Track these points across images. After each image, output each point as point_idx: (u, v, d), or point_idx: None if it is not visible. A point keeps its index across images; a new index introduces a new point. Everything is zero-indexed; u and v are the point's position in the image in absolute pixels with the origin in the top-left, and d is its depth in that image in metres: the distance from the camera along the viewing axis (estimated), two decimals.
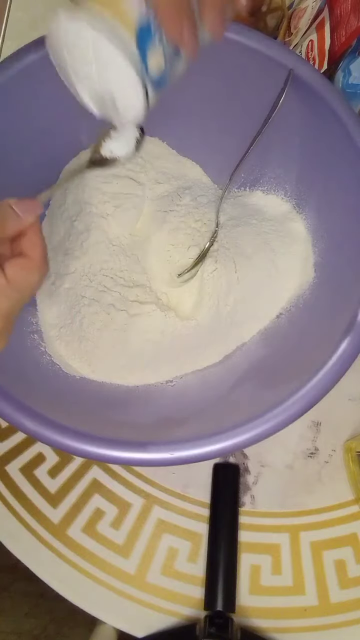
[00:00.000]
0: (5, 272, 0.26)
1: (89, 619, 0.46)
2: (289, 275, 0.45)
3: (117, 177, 0.45)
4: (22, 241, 0.28)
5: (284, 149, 0.44)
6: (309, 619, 0.44)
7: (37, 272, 0.28)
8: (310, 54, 0.48)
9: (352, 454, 0.46)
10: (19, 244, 0.28)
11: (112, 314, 0.42)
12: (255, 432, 0.33)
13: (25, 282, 0.27)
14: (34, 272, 0.28)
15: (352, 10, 0.43)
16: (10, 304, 0.26)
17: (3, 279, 0.26)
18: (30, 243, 0.28)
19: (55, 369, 0.41)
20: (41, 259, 0.28)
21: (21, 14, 0.56)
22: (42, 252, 0.28)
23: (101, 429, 0.34)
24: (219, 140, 0.45)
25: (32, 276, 0.27)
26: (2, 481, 0.47)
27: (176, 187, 0.46)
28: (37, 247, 0.28)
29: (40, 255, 0.28)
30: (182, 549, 0.46)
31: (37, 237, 0.28)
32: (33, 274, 0.28)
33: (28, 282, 0.27)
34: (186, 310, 0.44)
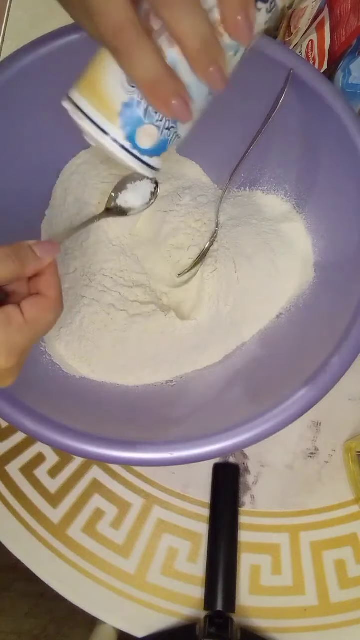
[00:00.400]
0: (23, 311, 0.27)
1: (89, 619, 0.46)
2: (289, 275, 0.45)
3: (117, 177, 0.45)
4: (40, 281, 0.29)
5: (284, 149, 0.44)
6: (309, 619, 0.44)
7: (53, 312, 0.29)
8: (310, 54, 0.48)
9: (352, 454, 0.46)
10: (36, 283, 0.29)
11: (112, 314, 0.42)
12: (255, 432, 0.33)
13: (42, 322, 0.28)
14: (50, 311, 0.29)
15: (352, 10, 0.43)
16: (25, 342, 0.27)
17: (21, 317, 0.27)
18: (47, 283, 0.29)
19: (55, 369, 0.41)
20: (57, 298, 0.29)
21: (21, 13, 0.56)
22: (58, 292, 0.29)
23: (101, 429, 0.34)
24: (219, 140, 0.45)
25: (48, 315, 0.28)
26: (2, 481, 0.47)
27: (176, 187, 0.46)
28: (54, 287, 0.29)
29: (57, 295, 0.29)
30: (182, 549, 0.46)
31: (54, 278, 0.30)
32: (49, 314, 0.28)
33: (44, 321, 0.28)
34: (186, 310, 0.44)
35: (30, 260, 0.28)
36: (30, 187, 0.44)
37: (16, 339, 0.27)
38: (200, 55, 0.23)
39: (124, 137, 0.26)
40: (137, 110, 0.26)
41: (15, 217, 0.42)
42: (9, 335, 0.26)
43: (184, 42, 0.23)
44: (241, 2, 0.23)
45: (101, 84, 0.26)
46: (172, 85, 0.24)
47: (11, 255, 0.27)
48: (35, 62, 0.38)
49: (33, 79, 0.39)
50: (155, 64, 0.23)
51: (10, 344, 0.26)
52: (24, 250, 0.28)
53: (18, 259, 0.27)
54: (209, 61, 0.23)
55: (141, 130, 0.26)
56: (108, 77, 0.25)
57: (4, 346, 0.26)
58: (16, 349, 0.27)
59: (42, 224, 0.45)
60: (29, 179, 0.43)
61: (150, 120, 0.26)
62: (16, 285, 0.29)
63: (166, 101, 0.24)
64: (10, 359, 0.26)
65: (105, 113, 0.26)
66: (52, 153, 0.44)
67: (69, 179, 0.45)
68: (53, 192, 0.46)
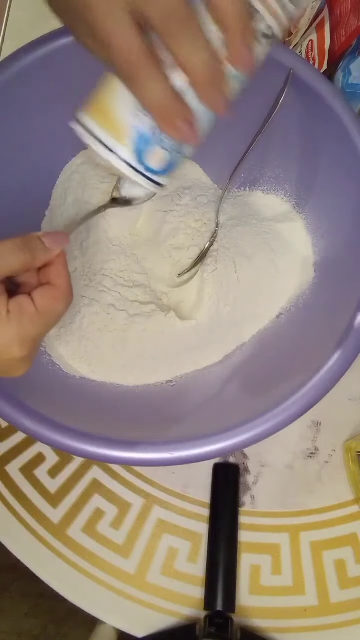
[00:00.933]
0: (34, 301, 0.28)
1: (89, 619, 0.46)
2: (289, 275, 0.45)
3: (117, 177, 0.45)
4: (49, 271, 0.30)
5: (284, 149, 0.44)
6: (309, 619, 0.44)
7: (64, 301, 0.29)
8: (310, 54, 0.48)
9: (352, 454, 0.46)
10: (46, 273, 0.30)
11: (112, 314, 0.42)
12: (255, 432, 0.33)
13: (53, 311, 0.28)
14: (61, 301, 0.29)
15: (352, 10, 0.43)
16: (38, 331, 0.28)
17: (33, 307, 0.27)
18: (57, 273, 0.30)
19: (55, 369, 0.41)
20: (67, 288, 0.30)
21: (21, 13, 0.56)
22: (67, 281, 0.30)
23: (101, 429, 0.34)
24: (219, 140, 0.45)
25: (59, 305, 0.29)
26: (2, 481, 0.47)
27: (176, 187, 0.46)
28: (63, 276, 0.30)
29: (67, 284, 0.30)
30: (182, 549, 0.46)
31: (63, 267, 0.30)
32: (60, 303, 0.29)
33: (56, 311, 0.29)
34: (186, 310, 0.44)
35: (40, 252, 0.29)
36: (30, 187, 0.44)
37: (29, 329, 0.27)
38: (206, 84, 0.25)
39: (135, 160, 0.27)
40: (146, 134, 0.27)
41: (16, 217, 0.42)
42: (22, 325, 0.27)
43: (190, 72, 0.25)
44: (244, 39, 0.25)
45: (111, 107, 0.27)
46: (180, 110, 0.26)
47: (21, 247, 0.28)
48: (35, 62, 0.38)
49: (33, 79, 0.39)
50: (164, 90, 0.25)
51: (24, 334, 0.27)
52: (34, 242, 0.28)
53: (28, 250, 0.28)
54: (214, 89, 0.26)
55: (151, 153, 0.27)
56: (118, 101, 0.27)
57: (18, 336, 0.27)
58: (29, 339, 0.27)
59: (42, 224, 0.45)
60: (29, 179, 0.43)
61: (159, 143, 0.27)
62: (26, 276, 0.29)
63: (175, 125, 0.26)
64: (24, 348, 0.27)
65: (116, 136, 0.27)
66: (52, 153, 0.44)
67: (69, 179, 0.45)
68: (53, 192, 0.46)
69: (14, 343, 0.27)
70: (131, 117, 0.27)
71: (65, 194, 0.45)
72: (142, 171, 0.28)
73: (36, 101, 0.40)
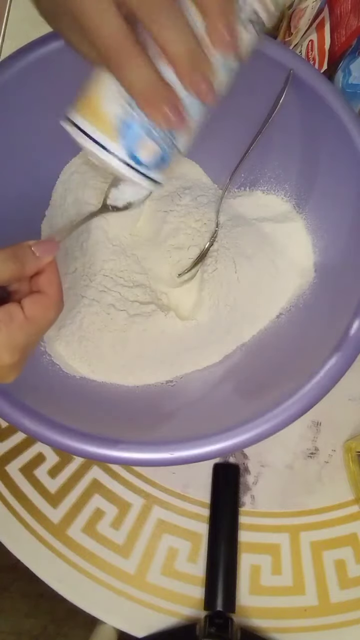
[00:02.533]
0: (24, 309, 0.28)
1: (89, 619, 0.46)
2: (289, 275, 0.45)
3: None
4: (40, 278, 0.29)
5: (284, 149, 0.44)
6: (309, 619, 0.44)
7: (54, 309, 0.29)
8: (310, 54, 0.48)
9: (352, 454, 0.46)
10: (37, 281, 0.30)
11: (112, 314, 0.42)
12: (255, 432, 0.33)
13: (43, 319, 0.28)
14: (51, 309, 0.29)
15: (352, 10, 0.43)
16: (27, 340, 0.27)
17: (22, 315, 0.27)
18: (47, 281, 0.29)
19: (55, 369, 0.41)
20: (58, 296, 0.30)
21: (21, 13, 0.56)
22: (59, 289, 0.30)
23: (101, 429, 0.34)
24: (219, 140, 0.45)
25: (49, 313, 0.29)
26: (2, 481, 0.47)
27: (176, 187, 0.46)
28: (54, 284, 0.30)
29: (57, 293, 0.30)
30: (182, 549, 0.46)
31: (55, 275, 0.30)
32: (50, 311, 0.29)
33: (46, 319, 0.28)
34: (186, 310, 0.44)
35: (30, 260, 0.28)
36: (30, 187, 0.44)
37: (18, 337, 0.27)
38: (186, 66, 0.25)
39: (125, 153, 0.27)
40: (135, 126, 0.26)
41: (16, 217, 0.42)
42: (11, 332, 0.27)
43: (172, 56, 0.24)
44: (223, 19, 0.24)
45: (98, 102, 0.26)
46: (165, 94, 0.25)
47: (11, 256, 0.27)
48: (35, 62, 0.38)
49: (33, 79, 0.39)
50: (149, 73, 0.25)
51: (13, 341, 0.27)
52: (23, 251, 0.28)
53: (18, 260, 0.28)
54: (195, 72, 0.25)
55: (141, 145, 0.27)
56: (104, 94, 0.26)
57: (7, 344, 0.27)
58: (18, 346, 0.27)
59: (42, 224, 0.45)
60: (29, 179, 0.43)
61: (148, 134, 0.27)
62: (18, 284, 0.29)
63: (161, 110, 0.25)
64: (13, 356, 0.27)
65: (105, 130, 0.26)
66: (52, 153, 0.44)
67: (69, 178, 0.45)
68: (53, 192, 0.46)
69: (3, 350, 0.27)
70: (119, 109, 0.26)
71: (65, 194, 0.45)
72: (134, 165, 0.27)
73: (36, 101, 0.40)
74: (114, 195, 0.35)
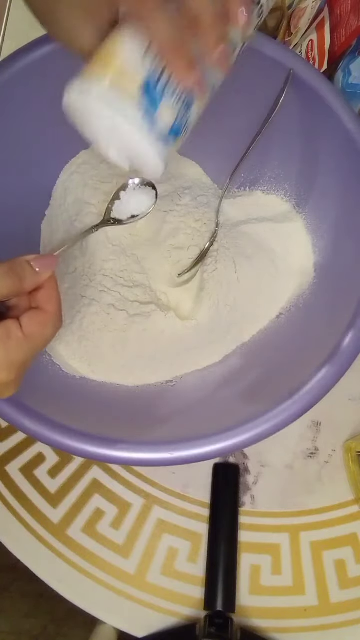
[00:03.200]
0: (22, 326, 0.27)
1: (89, 619, 0.46)
2: (289, 275, 0.45)
3: (117, 177, 0.45)
4: (39, 295, 0.29)
5: (284, 149, 0.44)
6: (309, 619, 0.44)
7: (52, 326, 0.29)
8: (310, 54, 0.48)
9: (352, 454, 0.46)
10: (36, 297, 0.29)
11: (112, 314, 0.42)
12: (255, 432, 0.33)
13: (40, 336, 0.28)
14: (49, 326, 0.29)
15: (352, 10, 0.43)
16: (25, 356, 0.27)
17: (20, 332, 0.27)
18: (47, 297, 0.29)
19: (55, 369, 0.41)
20: (57, 313, 0.29)
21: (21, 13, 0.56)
22: (57, 306, 0.29)
23: (101, 429, 0.34)
24: (219, 140, 0.45)
25: (47, 330, 0.28)
26: (2, 481, 0.47)
27: (176, 187, 0.46)
28: (53, 301, 0.29)
29: (56, 310, 0.29)
30: (182, 549, 0.46)
31: (54, 292, 0.30)
32: (48, 328, 0.28)
33: (43, 336, 0.28)
34: (186, 310, 0.44)
35: (28, 276, 0.28)
36: (31, 187, 0.44)
37: (16, 354, 0.27)
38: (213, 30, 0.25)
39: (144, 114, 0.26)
40: (156, 87, 0.26)
41: (16, 217, 0.42)
42: (8, 350, 0.27)
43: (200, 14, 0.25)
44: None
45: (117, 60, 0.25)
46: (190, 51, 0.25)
47: (8, 272, 0.27)
48: (35, 62, 0.38)
49: (33, 79, 0.39)
50: (178, 26, 0.25)
51: (10, 358, 0.27)
52: (22, 266, 0.28)
53: (16, 275, 0.27)
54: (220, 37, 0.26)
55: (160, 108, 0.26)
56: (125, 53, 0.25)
57: (4, 361, 0.26)
58: (16, 364, 0.27)
59: (42, 224, 0.45)
60: (29, 179, 0.43)
61: (167, 98, 0.26)
62: (17, 299, 0.29)
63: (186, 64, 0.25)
64: (11, 373, 0.27)
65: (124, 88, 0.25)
66: (52, 153, 0.44)
67: (69, 178, 0.45)
68: (53, 192, 0.46)
69: (0, 368, 0.26)
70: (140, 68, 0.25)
71: (65, 194, 0.45)
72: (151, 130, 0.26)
73: (36, 101, 0.40)
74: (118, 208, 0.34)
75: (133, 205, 0.34)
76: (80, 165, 0.46)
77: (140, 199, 0.34)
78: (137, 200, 0.34)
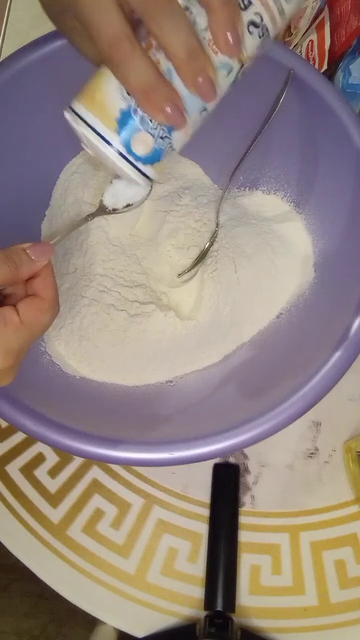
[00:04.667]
0: (19, 312, 0.27)
1: (89, 619, 0.46)
2: (289, 275, 0.45)
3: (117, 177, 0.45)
4: (36, 282, 0.29)
5: (284, 149, 0.44)
6: (309, 619, 0.44)
7: (50, 313, 0.29)
8: (310, 54, 0.48)
9: (352, 454, 0.46)
10: (32, 285, 0.29)
11: (112, 314, 0.42)
12: (255, 432, 0.33)
13: (38, 323, 0.28)
14: (46, 312, 0.29)
15: (352, 10, 0.43)
16: (22, 342, 0.27)
17: (17, 318, 0.27)
18: (43, 284, 0.29)
19: (55, 369, 0.41)
20: (54, 299, 0.29)
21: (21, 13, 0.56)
22: (54, 293, 0.30)
23: (101, 429, 0.34)
24: (219, 140, 0.45)
25: (44, 317, 0.28)
26: (2, 481, 0.47)
27: (176, 187, 0.46)
28: (50, 288, 0.29)
29: (53, 296, 0.29)
30: (182, 549, 0.46)
31: (50, 279, 0.30)
32: (45, 315, 0.29)
33: (41, 323, 0.28)
34: (186, 310, 0.44)
35: (24, 264, 0.28)
36: (31, 187, 0.44)
37: (13, 340, 0.27)
38: (187, 64, 0.25)
39: (120, 143, 0.27)
40: (133, 118, 0.27)
41: (16, 216, 0.42)
42: (5, 336, 0.27)
43: (170, 52, 0.24)
44: (229, 19, 0.24)
45: (101, 93, 0.27)
46: (165, 92, 0.25)
47: (5, 260, 0.27)
48: (35, 62, 0.38)
49: (33, 79, 0.39)
50: (148, 72, 0.25)
51: (7, 345, 0.27)
52: (18, 254, 0.28)
53: (12, 263, 0.28)
54: (196, 70, 0.25)
55: (136, 138, 0.27)
56: (106, 86, 0.27)
57: (1, 347, 0.26)
58: (13, 350, 0.27)
59: (42, 224, 0.45)
60: (29, 179, 0.43)
61: (145, 128, 0.27)
62: (13, 287, 0.29)
63: (160, 107, 0.25)
64: (8, 359, 0.27)
65: (104, 120, 0.27)
66: (52, 152, 0.44)
67: (69, 178, 0.45)
68: (53, 192, 0.46)
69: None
70: (120, 102, 0.26)
71: (65, 194, 0.45)
72: (129, 158, 0.28)
73: (36, 101, 0.40)
74: (113, 196, 0.35)
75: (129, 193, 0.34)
76: (80, 165, 0.46)
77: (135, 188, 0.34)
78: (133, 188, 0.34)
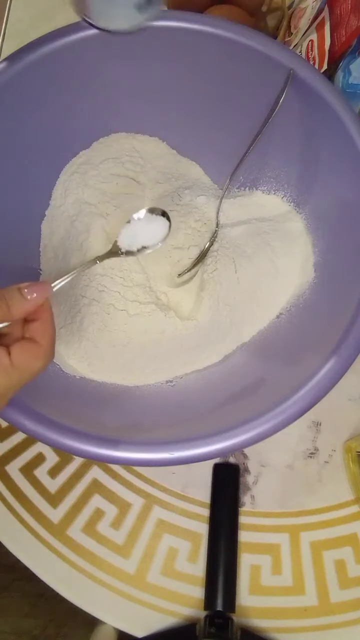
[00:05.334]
0: (11, 355, 0.27)
1: (89, 619, 0.46)
2: (289, 275, 0.45)
3: (117, 177, 0.45)
4: (33, 326, 0.29)
5: (284, 149, 0.44)
6: (309, 619, 0.44)
7: (43, 360, 0.28)
8: (310, 54, 0.48)
9: (352, 454, 0.46)
10: (30, 328, 0.29)
11: (112, 314, 0.42)
12: (255, 432, 0.33)
13: (29, 368, 0.28)
14: (39, 359, 0.28)
15: (352, 10, 0.43)
16: (10, 384, 0.27)
17: (7, 359, 0.27)
18: (41, 329, 0.29)
19: (55, 369, 0.41)
20: (49, 347, 0.29)
21: (21, 13, 0.56)
22: (51, 340, 0.29)
23: (101, 429, 0.34)
24: (219, 140, 0.45)
25: (37, 363, 0.28)
26: (2, 481, 0.47)
27: (176, 187, 0.46)
28: (47, 335, 0.29)
29: (49, 343, 0.29)
30: (182, 549, 0.46)
31: (49, 325, 0.29)
32: (38, 361, 0.28)
33: (32, 368, 0.28)
34: (186, 310, 0.44)
35: (16, 303, 0.28)
36: (31, 187, 0.44)
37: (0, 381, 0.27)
38: None
39: None
40: None
41: (16, 217, 0.42)
42: None
43: None
44: None
45: None
46: None
47: None
48: (35, 62, 0.38)
49: (33, 78, 0.39)
50: None
51: None
52: (10, 293, 0.28)
53: (3, 301, 0.27)
54: None
55: None
56: None
57: None
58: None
59: (42, 224, 0.45)
60: (30, 179, 0.43)
61: None
62: (10, 327, 0.29)
63: None
64: None
65: None
66: (52, 152, 0.44)
67: (69, 178, 0.45)
68: (53, 192, 0.46)
69: None
70: None
71: (65, 194, 0.45)
72: None
73: (37, 101, 0.40)
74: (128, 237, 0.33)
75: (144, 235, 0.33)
76: (80, 165, 0.46)
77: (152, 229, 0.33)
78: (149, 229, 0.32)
